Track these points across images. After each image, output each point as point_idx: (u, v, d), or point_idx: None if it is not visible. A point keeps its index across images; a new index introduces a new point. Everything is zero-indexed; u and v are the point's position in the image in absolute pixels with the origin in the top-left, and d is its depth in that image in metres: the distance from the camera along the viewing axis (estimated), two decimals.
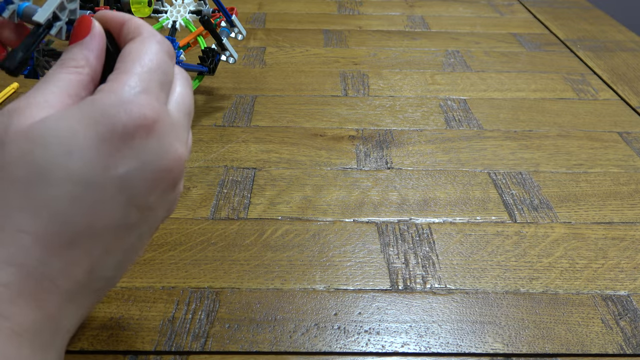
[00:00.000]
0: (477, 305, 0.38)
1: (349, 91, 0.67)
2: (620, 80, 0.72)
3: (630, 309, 0.38)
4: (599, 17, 0.96)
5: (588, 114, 0.63)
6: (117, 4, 0.46)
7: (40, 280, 0.22)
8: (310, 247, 0.43)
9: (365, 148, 0.56)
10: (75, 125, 0.23)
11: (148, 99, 0.24)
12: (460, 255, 0.42)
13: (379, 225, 0.45)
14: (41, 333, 0.23)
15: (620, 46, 0.83)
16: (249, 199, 0.48)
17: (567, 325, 0.37)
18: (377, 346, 0.35)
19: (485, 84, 0.70)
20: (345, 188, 0.49)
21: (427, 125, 0.60)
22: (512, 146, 0.57)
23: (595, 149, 0.57)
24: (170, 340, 0.35)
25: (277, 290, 0.39)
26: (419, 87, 0.69)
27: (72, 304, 0.24)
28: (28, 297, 0.22)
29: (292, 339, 0.35)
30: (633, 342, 0.36)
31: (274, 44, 0.80)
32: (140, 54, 0.25)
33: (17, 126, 0.23)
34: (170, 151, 0.25)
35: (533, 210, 0.47)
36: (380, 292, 0.39)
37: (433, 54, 0.79)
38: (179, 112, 0.27)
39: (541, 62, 0.77)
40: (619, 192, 0.50)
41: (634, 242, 0.44)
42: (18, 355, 0.21)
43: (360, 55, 0.78)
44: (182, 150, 0.26)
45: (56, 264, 0.23)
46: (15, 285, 0.22)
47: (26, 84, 0.66)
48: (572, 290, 0.40)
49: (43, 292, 0.23)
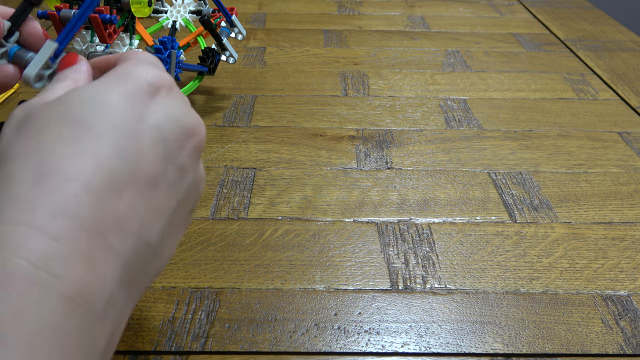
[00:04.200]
0: (477, 305, 0.38)
1: (349, 91, 0.67)
2: (620, 80, 0.72)
3: (630, 309, 0.38)
4: (599, 17, 0.96)
5: (588, 114, 0.63)
6: (117, 4, 0.46)
7: (94, 235, 0.21)
8: (310, 247, 0.43)
9: (365, 148, 0.56)
10: (105, 86, 0.24)
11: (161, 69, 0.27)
12: (460, 255, 0.42)
13: (379, 225, 0.45)
14: (94, 301, 0.20)
15: (620, 46, 0.83)
16: (249, 199, 0.48)
17: (567, 325, 0.37)
18: (377, 346, 0.35)
19: (485, 84, 0.70)
20: (345, 188, 0.49)
21: (427, 125, 0.60)
22: (512, 146, 0.57)
23: (595, 149, 0.57)
24: (170, 340, 0.35)
25: (277, 290, 0.39)
26: (419, 87, 0.69)
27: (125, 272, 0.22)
28: (81, 255, 0.20)
29: (292, 339, 0.35)
30: (633, 342, 0.36)
31: (274, 44, 0.80)
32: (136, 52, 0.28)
33: (41, 101, 0.24)
34: (192, 113, 0.27)
35: (533, 210, 0.47)
36: (380, 292, 0.39)
37: (433, 54, 0.79)
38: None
39: (541, 62, 0.77)
40: (619, 192, 0.50)
41: (634, 242, 0.44)
42: (66, 323, 0.19)
43: (360, 55, 0.78)
44: (201, 119, 0.27)
45: (107, 217, 0.22)
46: (67, 239, 0.20)
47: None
48: (572, 290, 0.40)
49: (97, 250, 0.21)
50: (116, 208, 0.22)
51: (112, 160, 0.22)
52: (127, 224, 0.23)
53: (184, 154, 0.26)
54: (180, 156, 0.26)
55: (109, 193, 0.22)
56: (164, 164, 0.25)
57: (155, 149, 0.24)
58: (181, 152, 0.26)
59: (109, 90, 0.24)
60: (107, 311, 0.21)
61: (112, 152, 0.23)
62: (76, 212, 0.21)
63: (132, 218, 0.23)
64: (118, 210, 0.22)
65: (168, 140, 0.25)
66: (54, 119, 0.23)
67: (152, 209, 0.24)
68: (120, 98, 0.24)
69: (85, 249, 0.20)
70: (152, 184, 0.24)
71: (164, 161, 0.25)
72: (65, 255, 0.20)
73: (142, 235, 0.23)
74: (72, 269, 0.20)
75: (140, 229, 0.23)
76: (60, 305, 0.19)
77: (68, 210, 0.20)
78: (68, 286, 0.19)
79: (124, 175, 0.23)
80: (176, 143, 0.25)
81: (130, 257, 0.23)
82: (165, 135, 0.25)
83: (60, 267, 0.19)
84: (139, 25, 0.54)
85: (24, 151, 0.22)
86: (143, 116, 0.24)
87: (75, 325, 0.19)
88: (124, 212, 0.22)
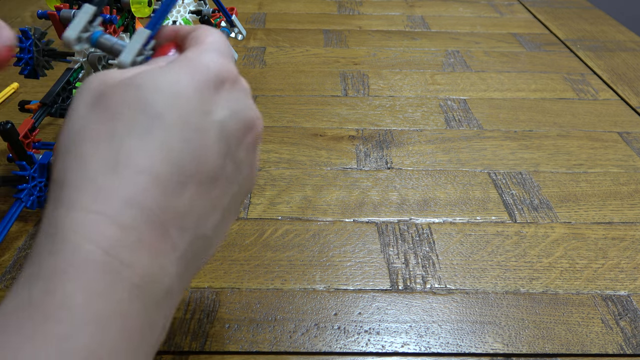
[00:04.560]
0: (477, 305, 0.38)
1: (349, 91, 0.67)
2: (620, 80, 0.72)
3: (630, 309, 0.38)
4: (599, 17, 0.96)
5: (588, 114, 0.63)
6: (117, 4, 0.46)
7: (158, 227, 0.22)
8: (310, 247, 0.43)
9: (365, 148, 0.56)
10: (177, 74, 0.24)
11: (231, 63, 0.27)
12: (460, 255, 0.42)
13: (379, 225, 0.45)
14: (156, 290, 0.22)
15: (620, 46, 0.83)
16: (249, 198, 0.48)
17: (567, 325, 0.37)
18: (377, 346, 0.35)
19: (485, 84, 0.70)
20: (345, 188, 0.49)
21: (427, 125, 0.60)
22: (512, 146, 0.57)
23: (595, 149, 0.57)
24: (170, 340, 0.35)
25: (277, 290, 0.39)
26: (419, 87, 0.69)
27: (181, 263, 0.23)
28: (147, 245, 0.21)
29: (292, 339, 0.35)
30: (633, 342, 0.36)
31: (274, 44, 0.80)
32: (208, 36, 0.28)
33: (116, 77, 0.24)
34: (252, 107, 0.27)
35: (533, 210, 0.47)
36: (380, 292, 0.39)
37: (433, 54, 0.79)
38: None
39: (541, 62, 0.77)
40: (619, 192, 0.50)
41: (634, 242, 0.44)
42: (131, 309, 0.20)
43: (360, 55, 0.78)
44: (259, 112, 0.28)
45: (170, 210, 0.22)
46: (135, 230, 0.21)
47: (26, 84, 0.66)
48: (572, 290, 0.40)
49: (160, 242, 0.22)
50: (179, 202, 0.23)
51: (181, 154, 0.23)
52: (186, 218, 0.23)
53: (242, 148, 0.26)
54: (238, 151, 0.26)
55: (175, 187, 0.23)
56: (224, 159, 0.25)
57: (218, 144, 0.25)
58: (240, 147, 0.26)
59: (181, 80, 0.24)
60: (165, 300, 0.22)
61: (181, 146, 0.23)
62: (145, 203, 0.21)
63: (191, 212, 0.24)
64: (181, 204, 0.23)
65: (230, 135, 0.25)
66: (128, 104, 0.23)
67: (210, 204, 0.25)
68: (190, 90, 0.24)
69: (150, 239, 0.21)
70: (212, 179, 0.25)
71: (224, 156, 0.25)
72: (134, 245, 0.21)
73: (198, 229, 0.24)
74: (139, 258, 0.21)
75: (198, 223, 0.24)
76: (126, 292, 0.20)
77: (138, 202, 0.21)
78: (135, 274, 0.20)
79: (190, 170, 0.23)
80: (236, 138, 0.26)
81: (187, 250, 0.23)
82: (228, 130, 0.25)
83: (129, 256, 0.20)
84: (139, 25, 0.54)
85: (98, 135, 0.23)
86: (210, 110, 0.25)
87: (138, 312, 0.20)
88: (185, 206, 0.23)
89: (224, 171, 0.25)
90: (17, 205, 0.41)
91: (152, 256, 0.21)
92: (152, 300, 0.21)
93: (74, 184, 0.21)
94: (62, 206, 0.21)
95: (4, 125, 0.39)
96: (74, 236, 0.20)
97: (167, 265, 0.22)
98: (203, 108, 0.24)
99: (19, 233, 0.43)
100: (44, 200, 0.43)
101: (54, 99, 0.45)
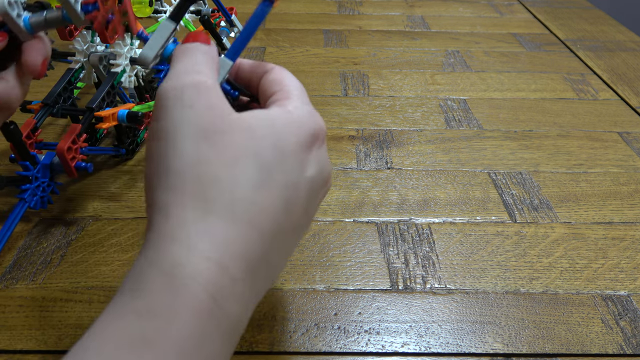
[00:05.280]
0: (477, 305, 0.38)
1: (349, 91, 0.67)
2: (620, 80, 0.72)
3: (630, 309, 0.38)
4: (599, 17, 0.96)
5: (588, 114, 0.63)
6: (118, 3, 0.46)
7: (250, 275, 0.23)
8: (310, 247, 0.43)
9: (365, 148, 0.56)
10: (285, 128, 0.25)
11: (318, 113, 0.28)
12: (460, 255, 0.42)
13: (379, 225, 0.45)
14: (237, 331, 0.23)
15: (620, 46, 0.83)
16: None
17: (567, 325, 0.37)
18: (377, 346, 0.35)
19: (485, 84, 0.70)
20: (345, 188, 0.49)
21: (427, 125, 0.60)
22: (512, 146, 0.57)
23: (595, 149, 0.57)
24: None
25: (277, 290, 0.39)
26: (419, 87, 0.69)
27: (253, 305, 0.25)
28: (242, 294, 0.23)
29: (292, 339, 0.35)
30: (633, 342, 0.36)
31: (274, 44, 0.80)
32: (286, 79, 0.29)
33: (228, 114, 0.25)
34: (329, 162, 0.28)
35: (533, 210, 0.47)
36: (380, 292, 0.39)
37: (433, 54, 0.79)
38: None
39: (541, 62, 0.77)
40: (619, 192, 0.50)
41: (634, 242, 0.44)
42: (222, 347, 0.22)
43: (360, 55, 0.78)
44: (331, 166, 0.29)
45: (263, 262, 0.24)
46: (240, 280, 0.23)
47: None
48: (572, 290, 0.40)
49: (249, 290, 0.23)
50: (270, 255, 0.24)
51: (279, 209, 0.24)
52: (268, 264, 0.25)
53: (317, 200, 0.28)
54: (314, 202, 0.27)
55: (270, 239, 0.24)
56: (305, 211, 0.26)
57: (304, 199, 0.26)
58: (317, 199, 0.27)
59: (287, 135, 0.25)
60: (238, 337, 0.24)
61: (280, 202, 0.24)
62: (250, 256, 0.23)
63: (272, 261, 0.25)
64: (271, 256, 0.24)
65: (314, 190, 0.27)
66: (243, 150, 0.24)
67: (285, 250, 0.26)
68: (294, 148, 0.25)
69: (244, 288, 0.23)
70: (293, 230, 0.26)
71: (305, 209, 0.26)
72: (235, 295, 0.22)
73: (270, 273, 0.25)
74: (235, 306, 0.23)
75: (273, 268, 0.25)
76: (219, 338, 0.22)
77: (245, 255, 0.23)
78: (228, 320, 0.22)
79: (282, 223, 0.25)
80: (317, 192, 0.27)
81: (260, 291, 0.25)
82: (314, 186, 0.26)
83: (230, 304, 0.22)
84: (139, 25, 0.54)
85: (217, 176, 0.23)
86: (305, 167, 0.26)
87: (226, 352, 0.23)
88: (270, 257, 0.24)
89: (302, 220, 0.26)
90: (20, 205, 0.41)
91: (242, 304, 0.23)
92: (234, 340, 0.23)
93: (196, 226, 0.22)
94: (181, 245, 0.22)
95: (7, 126, 0.40)
96: (191, 282, 0.21)
97: (249, 309, 0.24)
98: (301, 167, 0.25)
99: (20, 233, 0.43)
100: (47, 200, 0.43)
101: (56, 99, 0.45)
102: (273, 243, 0.24)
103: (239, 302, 0.23)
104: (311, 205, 0.27)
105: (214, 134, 0.24)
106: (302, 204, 0.26)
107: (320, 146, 0.27)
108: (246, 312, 0.24)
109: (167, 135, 0.24)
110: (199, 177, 0.23)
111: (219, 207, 0.23)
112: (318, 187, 0.27)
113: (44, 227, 0.44)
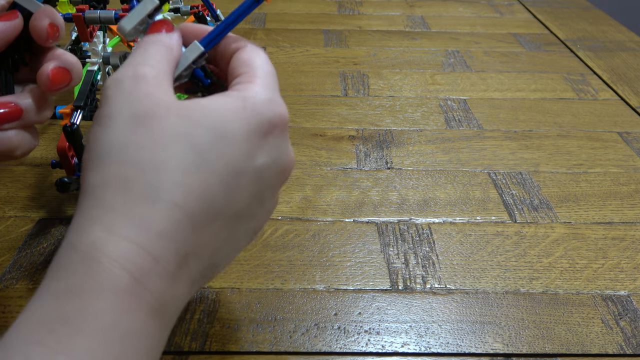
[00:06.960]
0: (477, 305, 0.38)
1: (349, 91, 0.67)
2: (620, 80, 0.72)
3: (630, 309, 0.38)
4: (599, 17, 0.96)
5: (588, 114, 0.63)
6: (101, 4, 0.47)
7: (181, 257, 0.23)
8: (310, 247, 0.43)
9: (365, 148, 0.56)
10: (231, 115, 0.25)
11: (282, 101, 0.28)
12: (460, 255, 0.42)
13: (379, 225, 0.45)
14: (168, 313, 0.23)
15: (620, 46, 0.83)
16: None
17: (567, 325, 0.37)
18: (377, 346, 0.35)
19: (485, 84, 0.70)
20: (345, 188, 0.49)
21: (427, 125, 0.60)
22: (512, 146, 0.57)
23: (595, 149, 0.57)
24: (170, 340, 0.35)
25: (277, 290, 0.39)
26: (419, 87, 0.69)
27: (193, 288, 0.25)
28: (170, 273, 0.23)
29: (292, 339, 0.35)
30: (633, 342, 0.36)
31: (274, 44, 0.80)
32: (256, 60, 0.28)
33: (167, 101, 0.25)
34: (290, 152, 0.28)
35: (533, 210, 0.47)
36: (380, 292, 0.39)
37: (433, 54, 0.79)
38: None
39: (541, 62, 0.77)
40: (619, 192, 0.50)
41: (634, 242, 0.44)
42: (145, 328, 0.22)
43: (360, 55, 0.78)
44: (294, 155, 0.29)
45: (195, 243, 0.24)
46: (165, 260, 0.22)
47: None
48: (572, 290, 0.40)
49: (179, 270, 0.23)
50: (203, 236, 0.24)
51: (216, 194, 0.24)
52: (205, 249, 0.25)
53: (269, 191, 0.27)
54: (266, 193, 0.27)
55: (204, 222, 0.24)
56: (252, 198, 0.26)
57: (251, 186, 0.26)
58: (268, 190, 0.27)
59: (233, 123, 0.25)
60: (173, 320, 0.24)
61: (218, 187, 0.24)
62: (176, 237, 0.23)
63: (210, 244, 0.25)
64: (204, 237, 0.24)
65: (264, 179, 0.26)
66: (178, 137, 0.24)
67: (228, 237, 0.26)
68: (242, 135, 0.25)
69: (173, 268, 0.23)
70: (236, 216, 0.26)
71: (253, 196, 0.26)
72: (160, 274, 0.22)
73: (213, 258, 0.25)
74: (161, 285, 0.22)
75: (213, 253, 0.25)
76: (142, 313, 0.22)
77: (170, 235, 0.23)
78: (154, 299, 0.22)
79: (220, 208, 0.24)
80: (269, 182, 0.27)
81: (198, 275, 0.25)
82: (264, 175, 0.26)
83: (154, 283, 0.22)
84: None
85: (143, 161, 0.23)
86: (253, 155, 0.25)
87: (149, 331, 0.22)
88: (207, 240, 0.24)
89: (249, 209, 0.26)
90: None
91: (172, 283, 0.23)
92: (164, 322, 0.23)
93: (115, 207, 0.22)
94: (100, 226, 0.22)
95: (70, 127, 0.38)
96: (110, 263, 0.21)
97: (181, 291, 0.24)
98: (248, 153, 0.25)
99: (20, 233, 0.43)
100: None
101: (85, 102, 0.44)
102: (209, 227, 0.24)
103: (166, 281, 0.23)
104: (263, 194, 0.27)
105: (149, 119, 0.24)
106: (247, 191, 0.25)
107: (278, 135, 0.27)
108: (175, 291, 0.23)
109: (104, 120, 0.24)
110: (125, 160, 0.23)
111: (139, 187, 0.23)
112: (271, 176, 0.27)
113: (44, 227, 0.44)
